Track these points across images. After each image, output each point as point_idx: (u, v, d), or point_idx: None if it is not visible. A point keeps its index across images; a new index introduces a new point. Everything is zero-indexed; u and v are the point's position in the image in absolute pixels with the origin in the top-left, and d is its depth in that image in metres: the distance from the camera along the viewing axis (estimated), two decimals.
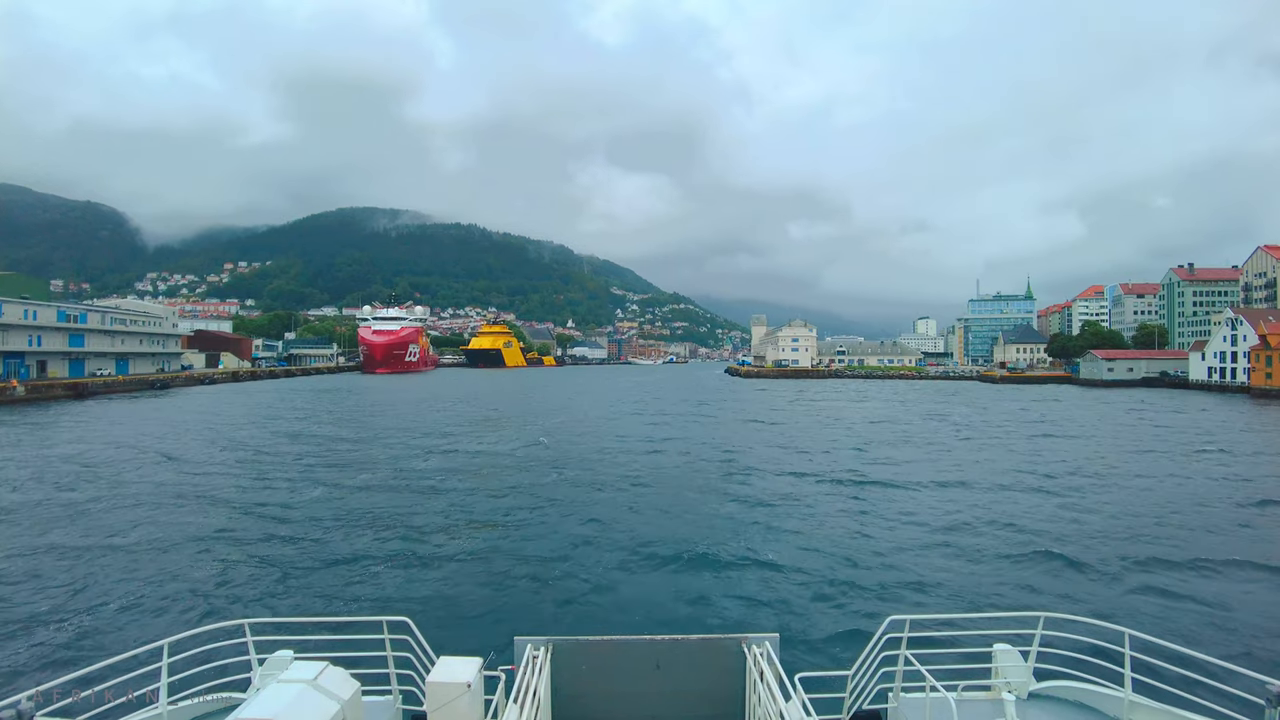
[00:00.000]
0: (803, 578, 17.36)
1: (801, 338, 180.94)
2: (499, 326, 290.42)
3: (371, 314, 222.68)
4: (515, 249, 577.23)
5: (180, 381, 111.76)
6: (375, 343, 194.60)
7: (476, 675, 5.85)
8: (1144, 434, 49.94)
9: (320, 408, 72.02)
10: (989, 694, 6.50)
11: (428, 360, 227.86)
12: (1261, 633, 14.06)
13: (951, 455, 39.24)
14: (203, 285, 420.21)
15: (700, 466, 34.73)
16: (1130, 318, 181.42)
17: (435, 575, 17.56)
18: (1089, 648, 7.02)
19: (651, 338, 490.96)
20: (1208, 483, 30.53)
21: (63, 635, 13.59)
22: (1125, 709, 6.02)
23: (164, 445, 41.09)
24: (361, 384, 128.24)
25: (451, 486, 29.17)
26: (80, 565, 17.95)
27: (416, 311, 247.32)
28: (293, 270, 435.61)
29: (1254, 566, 18.23)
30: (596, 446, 42.01)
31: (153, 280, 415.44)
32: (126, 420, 56.76)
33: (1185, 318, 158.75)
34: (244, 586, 16.60)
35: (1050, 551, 19.34)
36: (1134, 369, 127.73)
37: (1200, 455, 38.90)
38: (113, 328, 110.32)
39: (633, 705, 6.98)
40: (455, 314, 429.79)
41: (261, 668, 6.17)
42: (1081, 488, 29.24)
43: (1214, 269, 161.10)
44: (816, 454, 39.32)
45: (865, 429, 53.33)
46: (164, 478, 30.82)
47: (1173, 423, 58.51)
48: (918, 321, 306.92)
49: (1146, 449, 41.75)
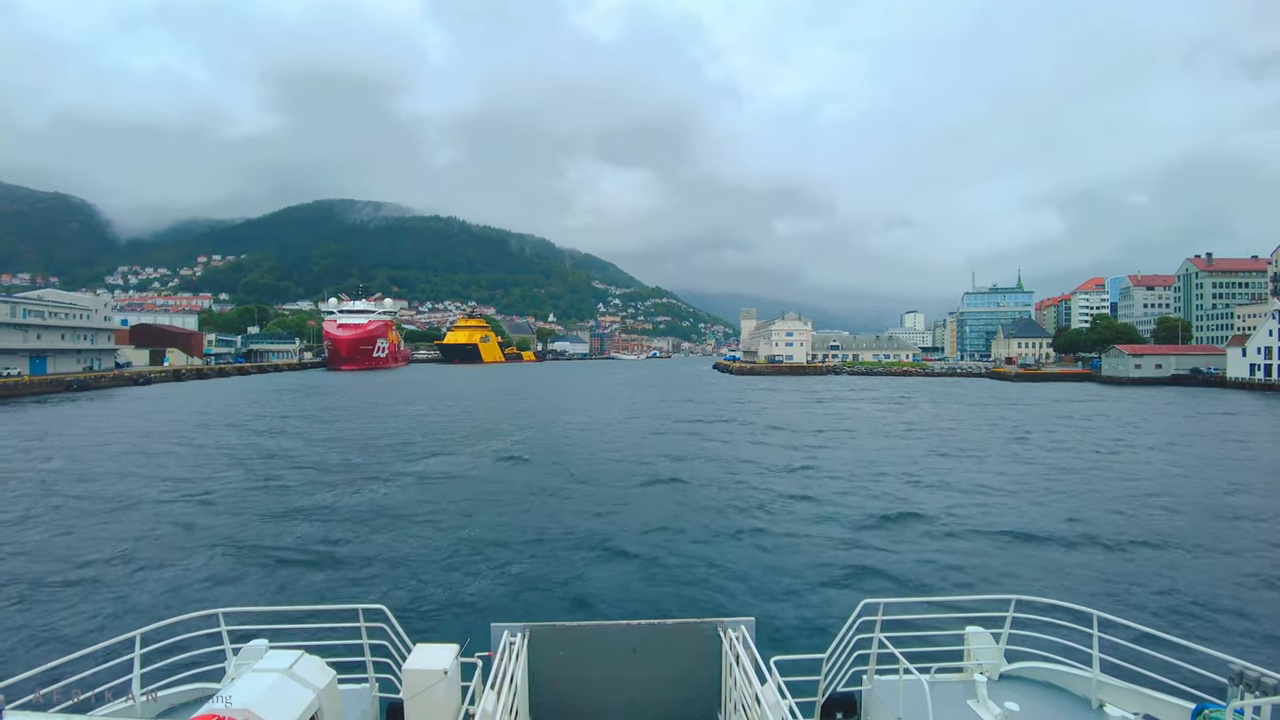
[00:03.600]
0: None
1: (796, 332, 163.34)
2: (476, 320, 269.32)
3: (337, 307, 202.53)
4: (496, 242, 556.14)
5: (107, 382, 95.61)
6: (340, 337, 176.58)
7: (453, 662, 5.74)
8: (1261, 449, 39.65)
9: (246, 412, 56.40)
10: (961, 675, 6.50)
11: (398, 356, 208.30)
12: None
13: (1094, 482, 29.00)
14: (175, 279, 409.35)
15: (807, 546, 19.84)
16: (1140, 311, 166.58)
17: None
18: (1059, 629, 6.74)
19: (634, 332, 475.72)
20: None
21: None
22: (1094, 688, 6.04)
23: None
24: (321, 382, 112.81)
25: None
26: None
27: (386, 304, 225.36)
28: (268, 264, 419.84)
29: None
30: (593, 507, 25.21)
31: (123, 274, 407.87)
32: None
33: (1204, 310, 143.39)
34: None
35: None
36: (1162, 365, 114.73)
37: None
38: (26, 320, 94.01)
39: (610, 690, 6.79)
40: (434, 308, 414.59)
41: (236, 657, 5.97)
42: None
43: (1234, 259, 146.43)
44: (930, 485, 28.03)
45: (936, 441, 41.85)
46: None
47: (1256, 428, 49.81)
48: (905, 316, 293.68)
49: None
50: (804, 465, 32.58)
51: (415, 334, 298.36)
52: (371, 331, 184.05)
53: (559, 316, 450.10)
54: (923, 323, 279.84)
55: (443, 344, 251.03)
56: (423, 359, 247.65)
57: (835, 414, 61.13)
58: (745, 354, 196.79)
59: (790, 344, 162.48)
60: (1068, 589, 15.17)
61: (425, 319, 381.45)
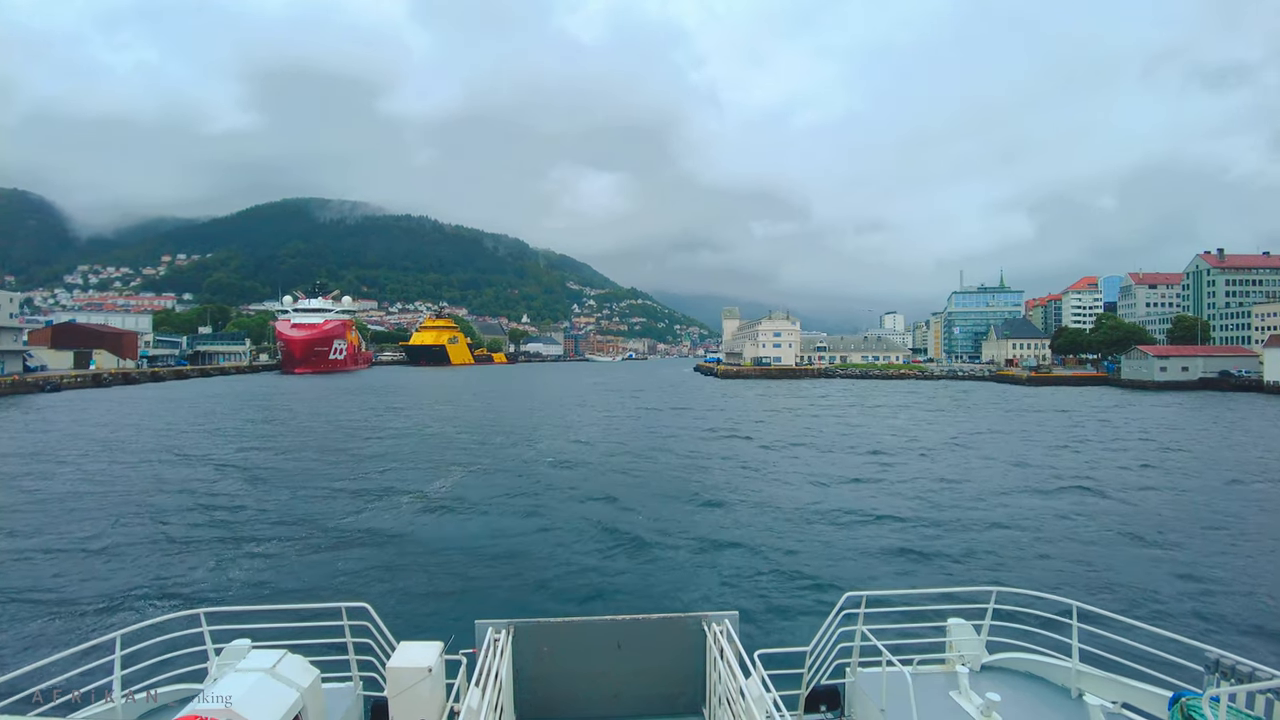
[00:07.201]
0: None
1: (785, 332, 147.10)
2: (444, 321, 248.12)
3: (292, 305, 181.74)
4: (470, 241, 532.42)
5: (3, 388, 77.76)
6: (294, 338, 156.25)
7: (437, 660, 5.60)
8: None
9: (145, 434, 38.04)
10: (944, 667, 6.40)
11: (358, 358, 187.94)
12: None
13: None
14: (138, 279, 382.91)
15: None
16: (1143, 310, 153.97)
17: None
18: (1039, 620, 6.52)
19: (609, 333, 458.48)
20: None
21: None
22: (1074, 678, 5.96)
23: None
24: (265, 388, 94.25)
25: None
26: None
27: (345, 302, 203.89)
28: (234, 263, 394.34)
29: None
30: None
31: (83, 273, 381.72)
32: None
33: (1217, 309, 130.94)
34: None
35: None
36: (1188, 368, 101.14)
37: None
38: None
39: (594, 685, 6.60)
40: (405, 308, 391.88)
41: (218, 657, 5.81)
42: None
43: (1247, 255, 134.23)
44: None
45: (1037, 464, 30.65)
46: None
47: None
48: (885, 316, 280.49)
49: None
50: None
51: (384, 335, 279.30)
52: (328, 332, 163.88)
53: (533, 318, 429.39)
54: (902, 324, 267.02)
55: (408, 345, 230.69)
56: (387, 361, 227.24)
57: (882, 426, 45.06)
58: (728, 355, 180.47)
59: (778, 345, 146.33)
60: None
61: (395, 319, 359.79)
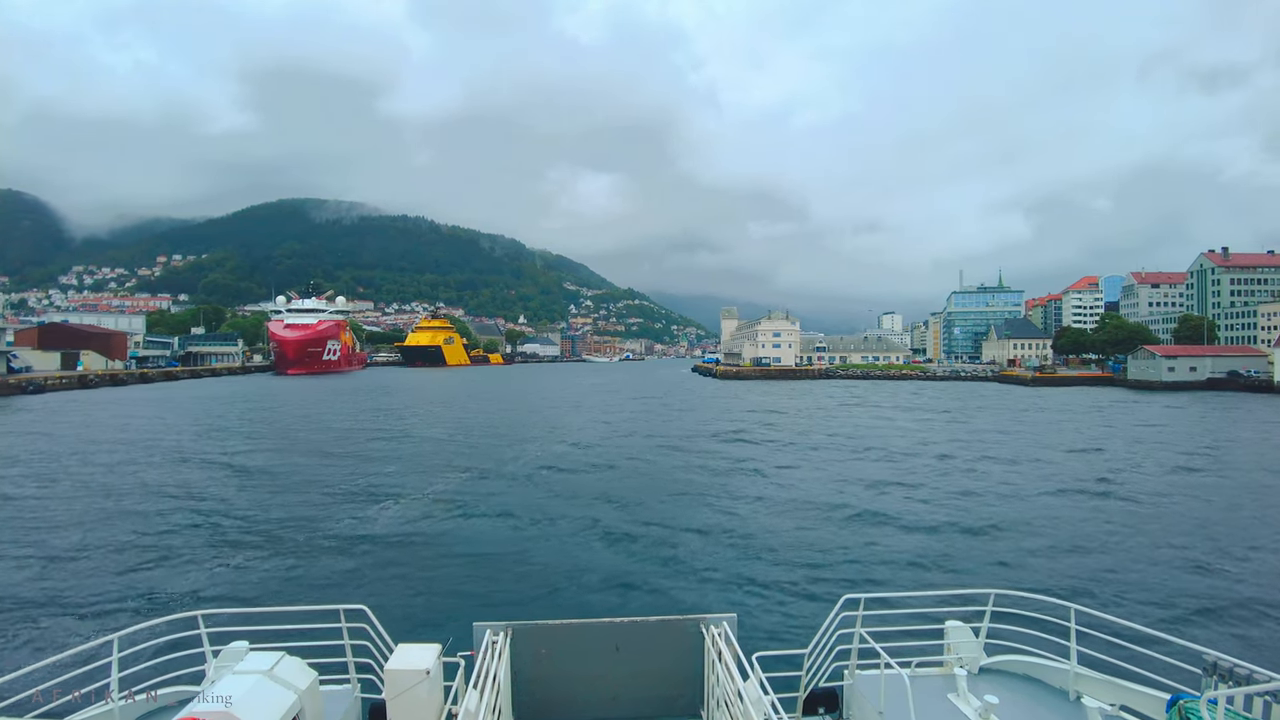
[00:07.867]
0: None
1: (785, 332, 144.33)
2: (440, 321, 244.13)
3: (285, 306, 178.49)
4: (466, 242, 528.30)
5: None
6: (287, 339, 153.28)
7: (435, 662, 5.56)
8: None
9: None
10: (942, 669, 6.36)
11: (353, 358, 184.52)
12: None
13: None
14: (133, 279, 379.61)
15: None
16: (1146, 310, 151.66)
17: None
18: (1037, 623, 6.46)
19: (606, 334, 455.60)
20: None
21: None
22: (1071, 680, 5.93)
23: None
24: (255, 389, 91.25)
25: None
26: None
27: (339, 302, 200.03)
28: (229, 264, 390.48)
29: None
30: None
31: (78, 274, 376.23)
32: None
33: (1222, 309, 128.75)
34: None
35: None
36: (1197, 368, 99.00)
37: None
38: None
39: (593, 687, 6.53)
40: (401, 309, 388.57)
41: (216, 659, 5.71)
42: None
43: (1252, 254, 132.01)
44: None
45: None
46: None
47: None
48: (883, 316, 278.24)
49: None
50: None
51: (380, 336, 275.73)
52: (322, 332, 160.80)
53: (529, 318, 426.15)
54: (900, 324, 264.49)
55: (403, 346, 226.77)
56: (382, 362, 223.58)
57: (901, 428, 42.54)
58: (727, 356, 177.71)
59: (778, 345, 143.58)
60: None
61: (391, 320, 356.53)
